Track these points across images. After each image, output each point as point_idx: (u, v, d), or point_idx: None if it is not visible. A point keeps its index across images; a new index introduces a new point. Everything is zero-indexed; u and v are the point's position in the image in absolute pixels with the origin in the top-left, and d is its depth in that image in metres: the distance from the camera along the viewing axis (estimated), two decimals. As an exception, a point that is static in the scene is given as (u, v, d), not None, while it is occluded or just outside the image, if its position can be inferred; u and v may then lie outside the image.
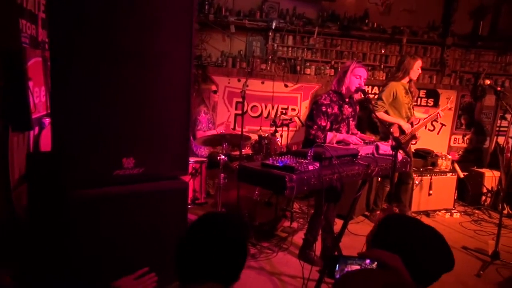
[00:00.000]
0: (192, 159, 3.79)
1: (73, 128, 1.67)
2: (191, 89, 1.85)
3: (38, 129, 2.70)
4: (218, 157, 3.58)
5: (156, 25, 1.74)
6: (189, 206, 3.67)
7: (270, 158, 2.36)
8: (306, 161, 2.33)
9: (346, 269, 1.29)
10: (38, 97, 2.69)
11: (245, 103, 5.30)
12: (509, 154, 5.49)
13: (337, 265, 1.30)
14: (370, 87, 5.63)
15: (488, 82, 3.66)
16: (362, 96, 3.06)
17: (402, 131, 4.19)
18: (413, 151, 4.86)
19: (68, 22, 1.61)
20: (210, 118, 4.30)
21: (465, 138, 6.30)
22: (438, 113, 4.35)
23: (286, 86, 5.42)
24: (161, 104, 1.78)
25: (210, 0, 5.12)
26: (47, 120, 2.72)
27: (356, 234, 3.89)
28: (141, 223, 1.76)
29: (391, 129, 4.13)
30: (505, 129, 5.94)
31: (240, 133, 3.59)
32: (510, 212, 4.89)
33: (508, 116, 5.79)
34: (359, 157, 2.66)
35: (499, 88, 3.61)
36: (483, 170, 5.38)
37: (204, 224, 1.24)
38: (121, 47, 1.68)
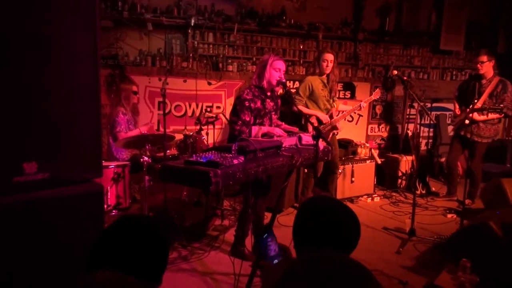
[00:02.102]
0: (113, 164, 3.57)
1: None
2: (99, 84, 1.71)
3: None
4: (141, 159, 3.42)
5: (50, 11, 1.55)
6: (113, 213, 3.45)
7: (194, 155, 2.31)
8: (231, 156, 2.31)
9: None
10: None
11: (168, 103, 5.16)
12: (419, 139, 5.99)
13: (266, 234, 1.40)
14: (291, 82, 5.78)
15: (395, 72, 3.92)
16: (282, 90, 3.11)
17: (320, 122, 4.36)
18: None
19: None
20: (129, 119, 4.08)
21: (380, 127, 6.77)
22: (361, 104, 4.58)
23: (209, 83, 5.36)
24: (64, 101, 1.60)
25: (123, -4, 4.87)
26: None
27: (287, 225, 3.95)
28: (51, 232, 1.58)
29: (311, 121, 4.27)
30: (414, 116, 6.48)
31: (163, 133, 3.46)
32: (422, 191, 5.35)
33: (415, 104, 6.32)
34: (283, 148, 2.70)
35: (405, 78, 3.91)
36: (397, 155, 5.82)
37: (118, 225, 1.16)
38: (10, 37, 1.48)
